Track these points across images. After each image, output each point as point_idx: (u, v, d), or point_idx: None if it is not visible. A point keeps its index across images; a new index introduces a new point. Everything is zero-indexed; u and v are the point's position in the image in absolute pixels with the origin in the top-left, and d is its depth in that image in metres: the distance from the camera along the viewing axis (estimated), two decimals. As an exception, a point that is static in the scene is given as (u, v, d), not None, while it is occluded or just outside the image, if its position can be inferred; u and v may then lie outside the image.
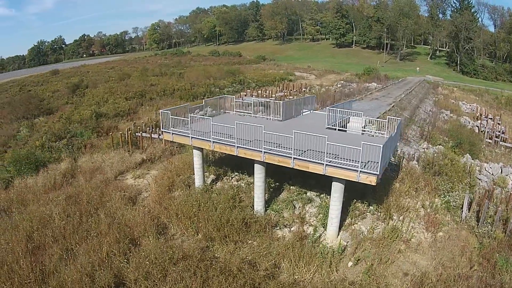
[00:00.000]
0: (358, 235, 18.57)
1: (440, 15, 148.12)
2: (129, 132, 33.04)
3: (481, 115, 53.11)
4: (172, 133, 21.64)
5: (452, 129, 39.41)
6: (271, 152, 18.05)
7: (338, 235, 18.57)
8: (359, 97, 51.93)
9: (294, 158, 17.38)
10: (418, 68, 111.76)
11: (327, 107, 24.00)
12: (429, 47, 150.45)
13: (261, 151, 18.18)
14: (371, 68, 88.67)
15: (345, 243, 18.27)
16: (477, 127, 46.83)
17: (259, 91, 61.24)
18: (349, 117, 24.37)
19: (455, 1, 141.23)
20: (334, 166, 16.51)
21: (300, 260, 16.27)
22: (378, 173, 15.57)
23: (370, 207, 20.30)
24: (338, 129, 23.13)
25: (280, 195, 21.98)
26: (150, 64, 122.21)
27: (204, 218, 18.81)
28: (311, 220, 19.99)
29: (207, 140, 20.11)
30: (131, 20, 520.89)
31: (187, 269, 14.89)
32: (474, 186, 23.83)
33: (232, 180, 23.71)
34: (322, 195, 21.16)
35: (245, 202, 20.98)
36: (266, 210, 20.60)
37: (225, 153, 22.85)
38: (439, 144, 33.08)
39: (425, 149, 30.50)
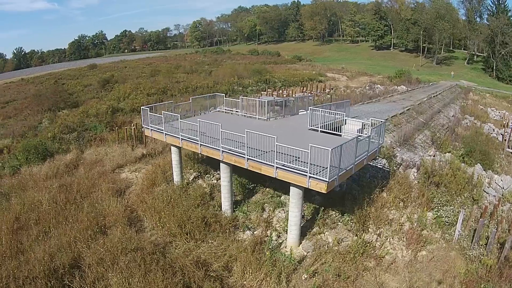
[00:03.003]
0: (322, 246, 17.49)
1: (478, 19, 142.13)
2: (133, 127, 33.98)
3: (508, 122, 50.65)
4: (151, 129, 22.22)
5: (466, 136, 37.18)
6: (229, 151, 17.83)
7: (300, 243, 17.75)
8: (375, 99, 50.86)
9: (247, 158, 16.99)
10: (452, 73, 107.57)
11: (309, 107, 22.96)
12: (467, 51, 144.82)
13: (220, 150, 18.11)
14: (403, 71, 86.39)
15: (305, 253, 17.31)
16: (501, 135, 44.67)
17: (280, 91, 61.25)
18: (345, 119, 23.06)
19: (491, 5, 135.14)
20: (285, 170, 15.77)
21: (248, 266, 15.70)
22: (327, 179, 14.48)
23: (345, 216, 19.16)
24: (325, 131, 21.90)
25: (253, 197, 21.70)
26: (187, 62, 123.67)
27: (169, 214, 19.09)
28: (277, 225, 19.40)
29: (177, 137, 20.42)
30: (176, 17, 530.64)
31: (133, 260, 15.30)
32: (478, 201, 21.68)
33: (213, 179, 23.79)
34: None
35: (216, 201, 21.02)
36: (234, 210, 20.42)
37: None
38: (448, 152, 31.17)
39: (432, 157, 29.35)
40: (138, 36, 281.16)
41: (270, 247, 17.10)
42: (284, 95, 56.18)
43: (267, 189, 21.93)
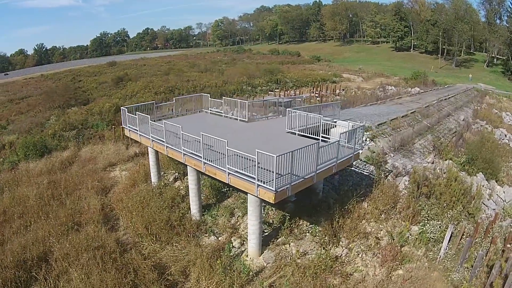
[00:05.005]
0: (284, 257, 16.55)
1: (498, 21, 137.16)
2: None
3: (523, 127, 48.71)
4: (129, 130, 22.43)
5: (470, 142, 34.84)
6: (189, 154, 17.64)
7: (262, 253, 17.03)
8: (381, 101, 49.97)
9: (204, 162, 16.71)
10: (470, 75, 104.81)
11: (287, 109, 21.94)
12: (487, 54, 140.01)
13: (181, 152, 18.01)
14: (419, 73, 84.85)
15: (265, 264, 16.52)
16: (512, 142, 43.22)
17: (287, 91, 61.04)
18: (335, 122, 22.03)
19: (511, 6, 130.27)
20: (236, 176, 15.19)
21: (203, 273, 15.28)
22: (273, 188, 13.62)
23: (316, 226, 18.12)
24: (303, 135, 20.82)
25: (225, 201, 21.40)
26: (206, 60, 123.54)
27: (137, 214, 19.36)
28: (243, 232, 18.70)
29: (149, 138, 20.58)
30: (201, 15, 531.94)
31: (94, 257, 15.72)
32: (474, 215, 19.30)
33: (192, 180, 23.79)
34: (267, 206, 19.95)
35: (186, 203, 20.92)
36: (203, 214, 20.23)
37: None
38: (449, 159, 29.21)
39: (430, 164, 28.29)
40: (160, 34, 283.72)
41: (230, 254, 16.79)
42: (292, 95, 55.90)
43: (240, 193, 21.30)
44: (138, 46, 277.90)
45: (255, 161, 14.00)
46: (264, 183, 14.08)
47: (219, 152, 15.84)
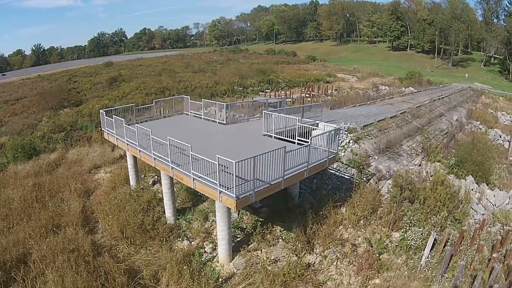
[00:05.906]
0: (255, 264, 16.03)
1: (495, 20, 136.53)
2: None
3: (518, 127, 47.98)
4: (108, 133, 22.46)
5: (460, 144, 33.65)
6: (159, 158, 17.61)
7: (232, 259, 16.62)
8: (371, 101, 49.82)
9: (171, 167, 16.62)
10: (467, 75, 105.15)
11: (263, 111, 21.37)
12: (484, 53, 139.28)
13: (152, 157, 18.01)
14: (414, 72, 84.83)
15: (235, 271, 16.11)
16: (508, 142, 42.63)
17: (277, 92, 61.15)
18: (318, 124, 20.91)
19: (508, 5, 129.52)
20: (200, 181, 14.93)
21: (171, 278, 15.15)
22: (234, 195, 13.27)
23: (289, 232, 17.72)
24: (280, 138, 20.16)
25: (201, 204, 21.32)
26: (201, 60, 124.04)
27: (112, 218, 19.61)
28: (216, 237, 17.86)
29: (124, 142, 20.70)
30: (201, 15, 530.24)
31: (68, 260, 15.94)
32: (461, 220, 18.20)
33: (171, 183, 23.78)
34: (242, 211, 19.73)
35: (162, 207, 20.94)
36: (178, 218, 20.23)
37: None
38: (438, 161, 27.97)
39: (416, 166, 28.02)
40: (158, 34, 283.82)
41: (201, 259, 16.80)
42: (283, 96, 56.03)
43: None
44: (136, 46, 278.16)
45: (220, 167, 13.67)
46: (227, 189, 13.76)
47: (187, 156, 15.51)
